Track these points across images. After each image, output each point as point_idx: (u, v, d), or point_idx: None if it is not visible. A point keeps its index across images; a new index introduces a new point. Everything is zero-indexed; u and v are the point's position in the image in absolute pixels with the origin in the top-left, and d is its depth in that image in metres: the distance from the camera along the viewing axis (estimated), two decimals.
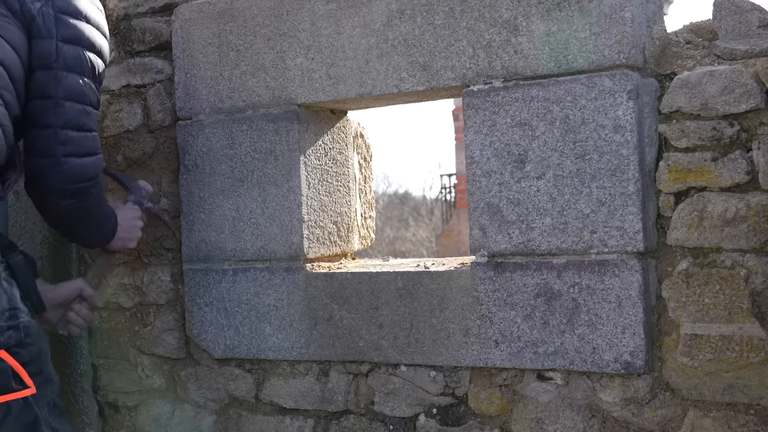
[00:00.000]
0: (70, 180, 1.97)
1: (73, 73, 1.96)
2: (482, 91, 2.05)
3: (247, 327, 2.38)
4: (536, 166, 1.99)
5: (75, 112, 1.96)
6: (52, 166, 1.94)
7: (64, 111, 1.94)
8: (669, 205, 1.92)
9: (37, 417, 1.78)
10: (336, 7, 2.22)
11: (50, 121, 1.94)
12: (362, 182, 2.63)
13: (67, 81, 1.95)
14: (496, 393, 2.10)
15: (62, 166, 1.95)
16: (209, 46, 2.40)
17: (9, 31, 1.88)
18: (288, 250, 2.31)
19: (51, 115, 1.93)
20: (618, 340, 1.92)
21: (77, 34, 1.97)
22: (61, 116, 1.94)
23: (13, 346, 1.76)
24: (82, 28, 1.98)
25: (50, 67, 1.93)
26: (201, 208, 2.43)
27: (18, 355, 1.75)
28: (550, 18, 1.96)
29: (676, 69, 1.94)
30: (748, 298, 1.81)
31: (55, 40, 1.93)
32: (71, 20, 1.97)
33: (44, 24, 1.92)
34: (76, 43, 1.97)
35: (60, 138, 1.94)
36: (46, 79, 1.93)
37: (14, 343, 1.76)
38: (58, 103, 1.94)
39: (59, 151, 1.94)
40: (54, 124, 1.94)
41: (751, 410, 1.84)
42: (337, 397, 2.31)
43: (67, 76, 1.95)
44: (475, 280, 2.07)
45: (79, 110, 1.97)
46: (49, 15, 1.93)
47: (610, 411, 1.98)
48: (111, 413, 2.68)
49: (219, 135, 2.40)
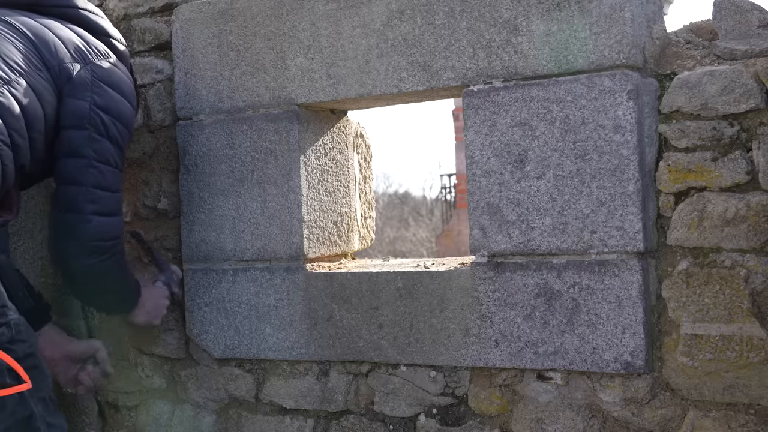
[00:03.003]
0: (94, 237, 2.05)
1: (104, 137, 2.05)
2: (482, 91, 2.05)
3: (247, 327, 2.38)
4: (536, 166, 1.99)
5: (106, 173, 2.06)
6: (79, 222, 2.03)
7: (97, 171, 2.04)
8: (669, 205, 1.92)
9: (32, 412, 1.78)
10: (336, 7, 2.22)
11: (81, 179, 2.03)
12: (362, 182, 2.63)
13: (100, 143, 2.04)
14: (496, 393, 2.10)
15: (89, 223, 2.03)
16: (209, 46, 2.40)
17: (40, 84, 1.97)
18: (288, 250, 2.31)
19: (83, 173, 2.03)
20: (618, 340, 1.92)
21: (109, 103, 2.07)
22: (93, 176, 2.04)
23: (5, 343, 1.77)
24: (115, 99, 2.09)
25: (83, 128, 2.03)
26: (201, 208, 2.43)
27: (11, 352, 1.76)
28: (550, 18, 1.96)
29: (676, 69, 1.94)
30: (748, 298, 1.81)
31: (90, 103, 2.04)
32: (107, 89, 2.08)
33: (80, 86, 2.03)
34: (107, 111, 2.07)
35: (89, 196, 2.03)
36: (79, 138, 2.03)
37: (6, 340, 1.77)
38: (91, 163, 2.04)
39: (87, 208, 2.03)
40: (85, 182, 2.03)
41: (751, 410, 1.84)
42: (337, 397, 2.31)
43: (100, 139, 2.04)
44: (475, 280, 2.07)
45: (109, 171, 2.07)
46: (86, 79, 2.05)
47: (610, 411, 1.98)
48: (111, 413, 2.68)
49: (219, 135, 2.40)
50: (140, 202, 2.57)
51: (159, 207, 2.54)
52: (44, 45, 2.01)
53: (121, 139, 2.11)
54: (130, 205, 2.59)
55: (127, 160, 2.57)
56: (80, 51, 2.07)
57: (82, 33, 2.14)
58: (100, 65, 2.10)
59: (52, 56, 2.01)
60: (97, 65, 2.09)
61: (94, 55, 2.10)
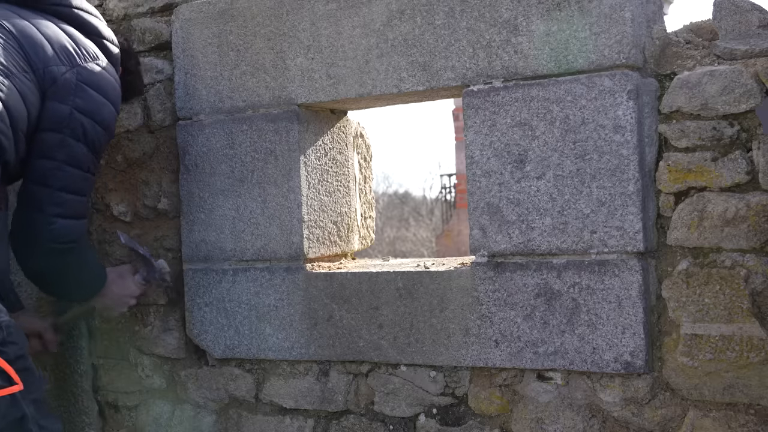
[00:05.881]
0: (54, 239, 2.07)
1: (80, 142, 2.06)
2: (482, 91, 2.05)
3: (247, 327, 2.38)
4: (536, 166, 1.99)
5: (75, 177, 2.07)
6: (42, 223, 2.05)
7: (64, 174, 2.05)
8: (669, 205, 1.92)
9: (24, 414, 1.78)
10: (336, 7, 2.22)
11: (49, 182, 2.05)
12: (362, 182, 2.63)
13: (72, 148, 2.05)
14: (496, 393, 2.10)
15: (51, 225, 2.05)
16: (209, 46, 2.40)
17: (25, 86, 1.98)
18: (288, 250, 2.31)
19: (51, 176, 2.04)
20: (618, 340, 1.92)
21: (92, 107, 2.08)
22: (61, 179, 2.05)
23: None
24: (97, 102, 2.09)
25: (59, 131, 2.04)
26: (201, 208, 2.43)
27: (2, 354, 1.76)
28: (550, 18, 1.96)
29: (676, 69, 1.94)
30: (748, 298, 1.81)
31: (70, 107, 2.04)
32: (91, 92, 2.08)
33: (63, 89, 2.04)
34: (89, 115, 2.07)
35: (55, 199, 2.05)
36: (53, 141, 2.04)
37: None
38: (60, 166, 2.05)
39: (52, 210, 2.05)
40: (53, 184, 2.05)
41: (751, 410, 1.84)
42: (337, 397, 2.31)
43: (74, 143, 2.05)
44: (475, 280, 2.07)
45: (79, 175, 2.08)
46: (70, 82, 2.05)
47: (610, 411, 1.98)
48: (111, 413, 2.68)
49: (219, 135, 2.40)
50: (140, 202, 2.57)
51: (159, 207, 2.54)
52: (31, 47, 2.01)
53: (99, 143, 2.11)
54: (130, 205, 2.59)
55: (127, 160, 2.58)
56: (67, 52, 2.07)
57: (73, 33, 2.13)
58: (86, 67, 2.09)
59: (38, 58, 2.01)
60: (83, 68, 2.08)
61: (82, 57, 2.10)
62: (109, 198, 2.61)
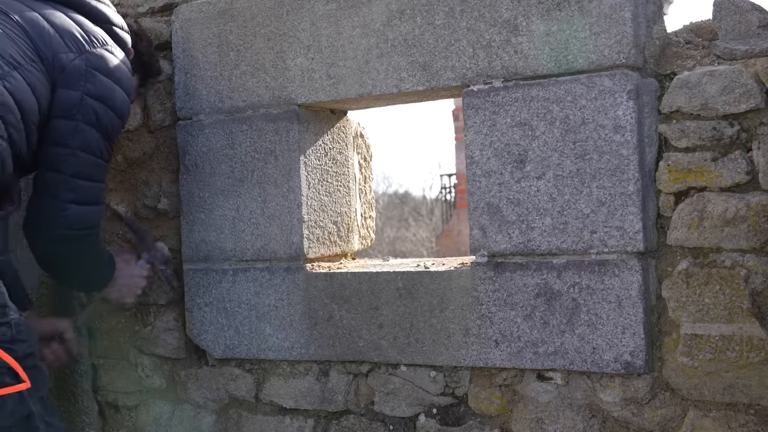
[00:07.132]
0: (69, 226, 2.05)
1: (92, 128, 2.05)
2: (482, 91, 2.05)
3: (247, 327, 2.38)
4: (536, 166, 1.99)
5: (88, 163, 2.06)
6: (56, 209, 2.04)
7: (77, 161, 2.04)
8: (669, 205, 1.92)
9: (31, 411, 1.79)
10: (336, 7, 2.22)
11: (62, 168, 2.03)
12: (362, 182, 2.63)
13: (85, 134, 2.04)
14: (496, 393, 2.10)
15: (65, 211, 2.04)
16: (209, 46, 2.40)
17: (34, 76, 1.97)
18: (288, 250, 2.31)
19: (64, 162, 2.03)
20: (618, 340, 1.92)
21: (103, 92, 2.06)
22: (74, 165, 2.04)
23: (6, 342, 1.78)
24: (108, 87, 2.08)
25: (71, 118, 2.03)
26: (201, 208, 2.43)
27: (11, 351, 1.77)
28: (550, 18, 1.96)
29: (676, 69, 1.94)
30: (748, 298, 1.81)
31: (81, 92, 2.03)
32: (101, 77, 2.07)
33: (73, 76, 2.02)
34: (101, 100, 2.06)
35: (69, 185, 2.04)
36: (65, 128, 2.02)
37: (7, 340, 1.78)
38: (74, 152, 2.04)
39: (66, 196, 2.04)
40: (66, 171, 2.04)
41: (751, 410, 1.84)
42: (337, 397, 2.31)
43: (87, 129, 2.04)
44: (475, 280, 2.07)
45: (92, 161, 2.07)
46: (79, 68, 2.04)
47: (610, 411, 1.98)
48: (111, 413, 2.68)
49: (219, 135, 2.40)
50: (140, 202, 2.57)
51: (159, 207, 2.54)
52: (39, 36, 2.00)
53: (111, 129, 2.10)
54: (130, 205, 2.59)
55: (127, 160, 2.58)
56: (76, 40, 2.06)
57: (81, 20, 2.12)
58: (94, 53, 2.07)
59: (47, 48, 2.00)
60: (91, 53, 2.07)
61: (91, 43, 2.08)
62: (109, 198, 2.61)
